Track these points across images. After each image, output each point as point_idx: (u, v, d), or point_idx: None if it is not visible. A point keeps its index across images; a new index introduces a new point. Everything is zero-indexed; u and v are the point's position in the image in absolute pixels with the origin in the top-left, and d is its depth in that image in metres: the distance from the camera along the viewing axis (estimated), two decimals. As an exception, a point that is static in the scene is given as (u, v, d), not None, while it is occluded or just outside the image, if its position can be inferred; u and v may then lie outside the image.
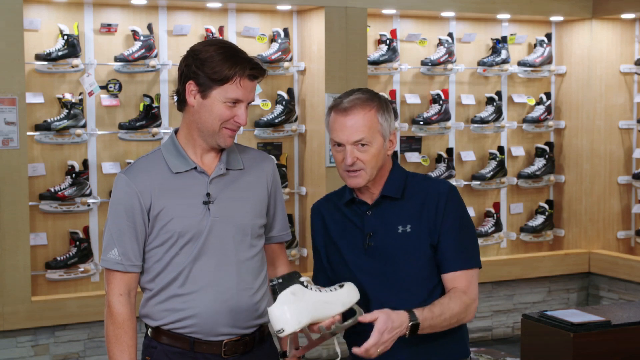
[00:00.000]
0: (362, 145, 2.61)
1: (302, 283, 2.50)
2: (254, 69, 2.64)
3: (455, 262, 2.66)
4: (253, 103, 2.75)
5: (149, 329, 2.75)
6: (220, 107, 2.63)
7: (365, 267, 2.67)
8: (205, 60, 2.61)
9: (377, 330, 2.45)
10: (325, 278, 2.81)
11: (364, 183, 2.65)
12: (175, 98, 2.74)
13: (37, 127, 5.36)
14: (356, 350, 2.46)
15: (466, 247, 2.69)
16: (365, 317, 2.50)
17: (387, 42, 6.26)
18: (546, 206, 6.99)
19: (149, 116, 5.61)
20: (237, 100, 2.63)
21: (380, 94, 2.71)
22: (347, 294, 2.54)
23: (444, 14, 6.46)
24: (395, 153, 2.85)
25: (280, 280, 2.46)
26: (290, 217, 6.06)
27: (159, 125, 5.65)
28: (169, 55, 5.73)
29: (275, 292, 2.46)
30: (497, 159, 6.72)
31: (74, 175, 5.41)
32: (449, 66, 6.47)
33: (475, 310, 2.69)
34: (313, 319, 2.48)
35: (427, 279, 2.68)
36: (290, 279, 2.48)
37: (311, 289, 2.51)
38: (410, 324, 2.50)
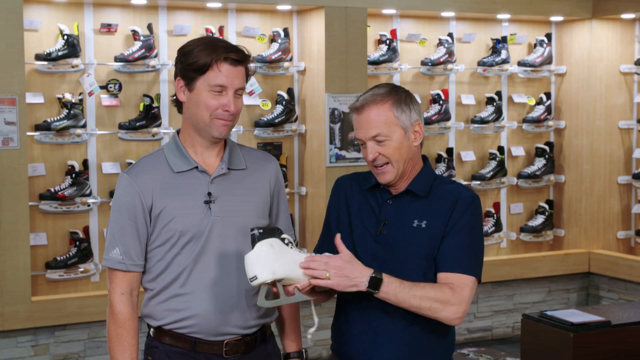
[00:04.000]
0: (381, 140, 2.61)
1: (283, 240, 2.49)
2: (232, 52, 2.64)
3: (452, 262, 2.60)
4: (253, 103, 2.76)
5: (151, 329, 2.75)
6: (206, 97, 2.63)
7: (372, 253, 2.64)
8: (188, 54, 2.66)
9: (337, 256, 2.47)
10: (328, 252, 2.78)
11: (392, 178, 2.65)
12: (174, 99, 2.77)
13: (37, 127, 5.36)
14: (302, 263, 2.45)
15: (468, 255, 2.62)
16: (338, 243, 2.50)
17: (387, 42, 6.26)
18: (546, 206, 6.99)
19: (149, 116, 5.61)
20: (221, 86, 2.63)
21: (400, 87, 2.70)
22: None
23: (444, 14, 6.46)
24: (426, 157, 2.80)
25: (261, 231, 2.46)
26: (290, 217, 6.04)
27: (159, 125, 5.65)
28: (169, 55, 5.73)
29: (254, 240, 2.46)
30: (497, 159, 6.72)
31: (74, 175, 5.41)
32: (449, 66, 6.47)
33: (457, 315, 2.57)
34: (288, 276, 2.46)
35: (430, 280, 2.63)
36: (272, 232, 2.47)
37: (292, 248, 2.49)
38: (372, 275, 2.48)
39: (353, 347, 2.68)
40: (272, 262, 2.44)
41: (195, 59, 2.62)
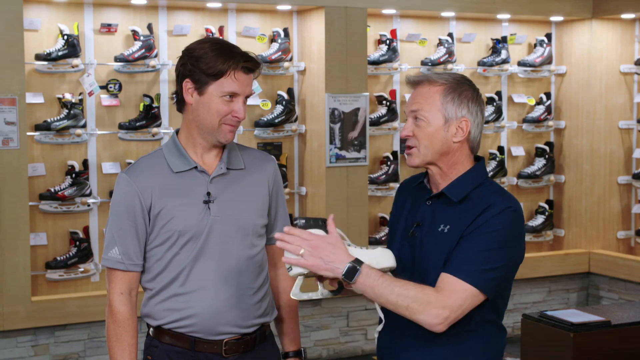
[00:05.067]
0: (418, 118, 2.51)
1: (327, 232, 2.38)
2: (248, 61, 2.65)
3: (454, 264, 2.39)
4: (253, 103, 2.76)
5: (151, 329, 2.76)
6: (218, 102, 2.64)
7: (402, 254, 2.54)
8: (200, 57, 2.63)
9: (320, 235, 2.35)
10: None
11: (416, 163, 2.52)
12: (175, 99, 2.76)
13: (37, 127, 5.36)
14: (278, 233, 2.36)
15: (475, 261, 2.38)
16: (329, 223, 2.39)
17: (387, 42, 6.26)
18: (546, 206, 6.99)
19: (149, 116, 5.61)
20: (234, 93, 2.64)
21: (459, 79, 2.54)
22: (376, 258, 2.38)
23: (444, 14, 6.46)
24: (479, 157, 2.60)
25: (304, 222, 2.37)
26: (291, 217, 6.04)
27: (159, 125, 5.65)
28: (169, 55, 5.73)
29: None
30: (497, 159, 6.72)
31: (74, 175, 5.41)
32: (449, 66, 6.47)
33: (438, 320, 2.34)
34: None
35: None
36: (316, 223, 2.37)
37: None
38: (350, 263, 2.32)
39: (380, 348, 2.64)
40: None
41: (211, 64, 2.61)
